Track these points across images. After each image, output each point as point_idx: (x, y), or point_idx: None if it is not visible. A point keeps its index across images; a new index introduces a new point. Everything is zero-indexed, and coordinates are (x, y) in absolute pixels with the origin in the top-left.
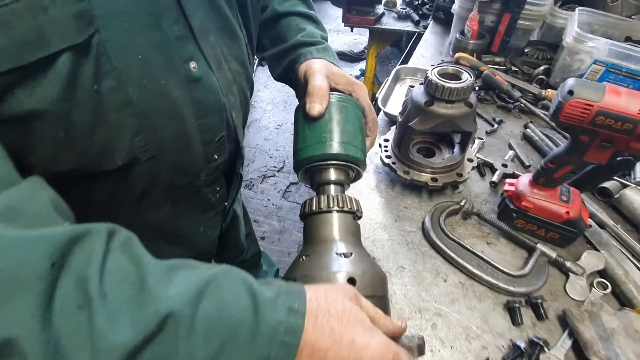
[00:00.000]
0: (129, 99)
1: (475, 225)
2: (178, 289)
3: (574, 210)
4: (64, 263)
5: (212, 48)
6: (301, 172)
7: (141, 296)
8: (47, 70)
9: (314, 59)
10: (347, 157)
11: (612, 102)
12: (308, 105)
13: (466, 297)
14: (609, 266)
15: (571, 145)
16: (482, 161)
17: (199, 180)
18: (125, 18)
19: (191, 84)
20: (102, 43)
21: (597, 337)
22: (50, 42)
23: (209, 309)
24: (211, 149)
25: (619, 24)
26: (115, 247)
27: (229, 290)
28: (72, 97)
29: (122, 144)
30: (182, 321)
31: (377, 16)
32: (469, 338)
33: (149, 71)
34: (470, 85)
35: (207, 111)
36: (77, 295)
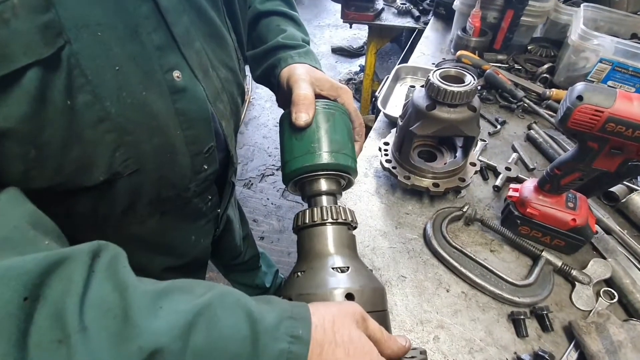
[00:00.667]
0: (106, 114)
1: (478, 232)
2: (166, 320)
3: (581, 218)
4: (39, 295)
5: (198, 56)
6: (291, 184)
7: (125, 330)
8: (12, 87)
9: (296, 64)
10: (337, 167)
11: (623, 108)
12: (294, 115)
13: (469, 308)
14: (616, 275)
15: (579, 152)
16: (484, 164)
17: (188, 192)
18: (98, 29)
19: (174, 94)
20: (74, 56)
21: (604, 351)
22: (14, 58)
23: (200, 342)
24: (199, 160)
25: (625, 20)
26: (99, 271)
27: (224, 318)
28: (41, 115)
29: (101, 160)
30: (170, 358)
31: (376, 12)
32: (472, 351)
33: (126, 83)
34: (474, 89)
35: (193, 122)
36: (54, 330)
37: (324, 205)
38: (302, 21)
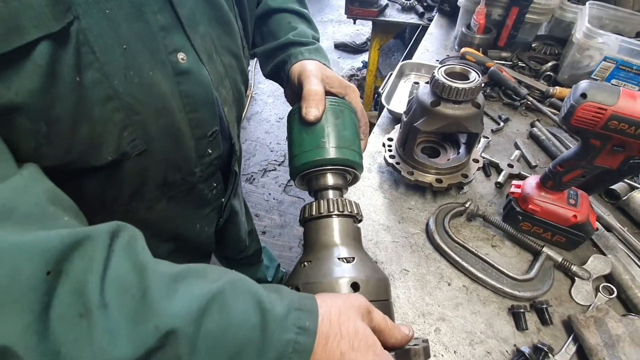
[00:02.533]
0: (114, 92)
1: (480, 228)
2: (181, 304)
3: (582, 214)
4: (61, 270)
5: (203, 39)
6: (298, 178)
7: (142, 310)
8: (24, 61)
9: (306, 60)
10: (345, 162)
11: (626, 106)
12: (305, 110)
13: (470, 301)
14: (615, 271)
15: (581, 149)
16: (487, 161)
17: (193, 177)
18: (107, 6)
19: (179, 76)
20: (83, 32)
21: (602, 344)
22: (25, 31)
23: (212, 327)
24: (204, 144)
25: (630, 18)
26: (118, 251)
27: (236, 306)
28: (52, 90)
29: (110, 139)
30: (183, 339)
31: (380, 8)
32: (472, 343)
33: (134, 63)
34: (478, 86)
35: (197, 105)
36: (76, 305)
37: (331, 198)
38: None
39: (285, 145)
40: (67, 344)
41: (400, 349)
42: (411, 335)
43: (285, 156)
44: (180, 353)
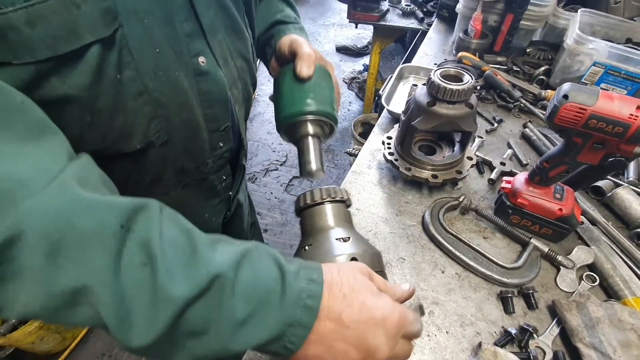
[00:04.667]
0: (145, 88)
1: (472, 221)
2: (222, 256)
3: (567, 208)
4: (130, 227)
5: (220, 45)
6: (284, 128)
7: (194, 259)
8: (78, 61)
9: (292, 34)
10: (327, 114)
11: (604, 106)
12: (299, 68)
13: (462, 287)
14: (598, 260)
15: (565, 147)
16: (481, 159)
17: (206, 167)
18: (144, 15)
19: (199, 76)
20: (125, 37)
21: (583, 325)
22: (82, 36)
23: (246, 276)
24: (216, 137)
25: (621, 25)
26: (167, 218)
27: (261, 262)
28: (98, 85)
29: (139, 129)
30: (227, 282)
31: (381, 13)
32: (463, 325)
33: (163, 63)
34: (471, 87)
35: (213, 102)
36: (141, 255)
37: (322, 188)
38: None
39: (286, 146)
40: (132, 287)
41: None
42: (412, 290)
43: (286, 156)
44: (224, 294)
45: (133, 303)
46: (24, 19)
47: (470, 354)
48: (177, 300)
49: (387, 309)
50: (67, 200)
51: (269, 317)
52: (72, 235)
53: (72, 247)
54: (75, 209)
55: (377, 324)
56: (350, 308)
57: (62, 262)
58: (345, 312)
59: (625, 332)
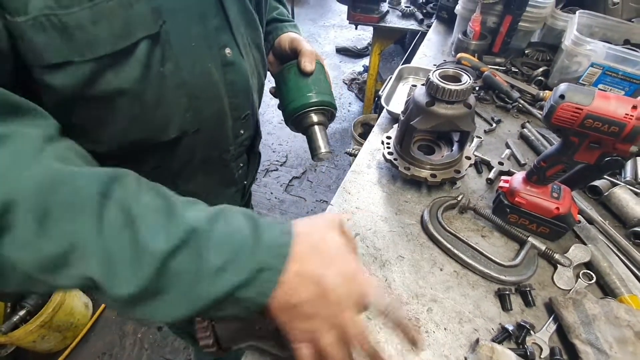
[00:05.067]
0: (182, 81)
1: (471, 220)
2: (198, 214)
3: (564, 207)
4: (108, 194)
5: (242, 38)
6: (292, 119)
7: (171, 218)
8: (130, 56)
9: (290, 32)
10: (329, 103)
11: (600, 106)
12: (304, 64)
13: (460, 285)
14: (594, 259)
15: (562, 146)
16: (479, 159)
17: (228, 154)
18: (182, 13)
19: (225, 67)
20: (167, 33)
21: (579, 322)
22: (135, 32)
23: (220, 229)
24: (238, 125)
25: (619, 26)
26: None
27: (234, 217)
28: (146, 78)
29: (176, 119)
30: (203, 235)
31: (381, 14)
32: (461, 322)
33: (198, 57)
34: (469, 88)
35: (238, 91)
36: (122, 217)
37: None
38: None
39: (286, 147)
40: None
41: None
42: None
43: (286, 157)
44: (201, 245)
45: (117, 258)
46: (89, 18)
47: (468, 350)
48: (157, 253)
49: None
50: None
51: (243, 263)
52: (57, 203)
53: (58, 213)
54: (59, 180)
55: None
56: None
57: (50, 226)
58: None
59: (622, 329)
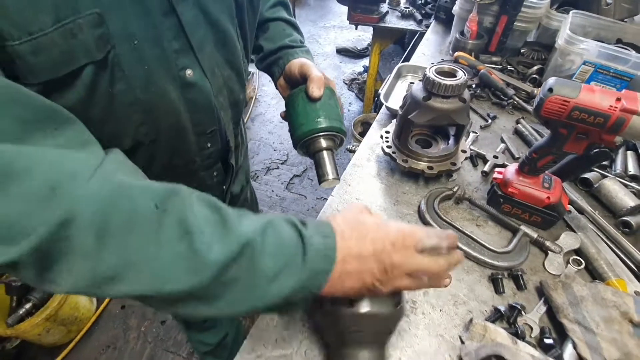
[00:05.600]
0: (135, 99)
1: (466, 210)
2: (249, 226)
3: (554, 196)
4: (165, 208)
5: (208, 58)
6: (300, 144)
7: (225, 231)
8: (75, 79)
9: (302, 58)
10: (338, 129)
11: (586, 98)
12: (311, 90)
13: (455, 270)
14: (584, 246)
15: (551, 137)
16: (475, 153)
17: (194, 164)
18: (134, 38)
19: (185, 87)
20: (117, 57)
21: (568, 303)
22: (78, 60)
23: (271, 240)
24: (203, 139)
25: (612, 26)
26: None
27: (281, 227)
28: (91, 98)
29: (129, 132)
30: (256, 246)
31: (381, 14)
32: (456, 304)
33: (152, 78)
34: (464, 83)
35: (198, 109)
36: (179, 230)
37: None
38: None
39: (287, 145)
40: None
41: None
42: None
43: (287, 155)
44: (255, 255)
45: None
46: (29, 50)
47: (462, 329)
48: (213, 265)
49: (392, 232)
50: (110, 187)
51: (295, 270)
52: (116, 217)
53: (116, 227)
54: (117, 194)
55: (385, 248)
56: (363, 243)
57: (109, 241)
58: (362, 248)
59: (608, 309)
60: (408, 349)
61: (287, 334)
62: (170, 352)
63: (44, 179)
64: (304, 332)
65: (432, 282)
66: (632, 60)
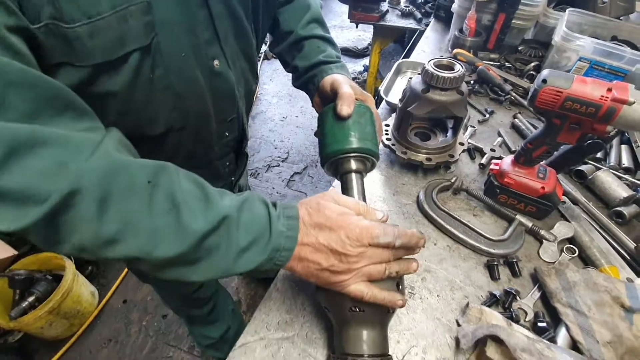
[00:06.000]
0: (170, 84)
1: (463, 200)
2: (229, 202)
3: (549, 186)
4: (156, 182)
5: (231, 49)
6: (327, 164)
7: (208, 205)
8: (123, 64)
9: (335, 74)
10: (367, 150)
11: (578, 89)
12: (339, 107)
13: (452, 257)
14: (577, 234)
15: (546, 128)
16: (473, 146)
17: (212, 152)
18: (174, 26)
19: (213, 76)
20: (158, 44)
21: (561, 288)
22: (128, 44)
23: (246, 216)
24: (223, 127)
25: (607, 24)
26: (183, 176)
27: (254, 206)
28: (136, 82)
29: (163, 116)
30: (233, 221)
31: (381, 13)
32: (453, 289)
33: (186, 65)
34: (461, 75)
35: (222, 97)
36: (167, 202)
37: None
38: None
39: (288, 143)
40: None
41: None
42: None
43: (288, 153)
44: (231, 228)
45: (162, 236)
46: (87, 33)
47: (459, 313)
48: (196, 232)
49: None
50: (110, 162)
51: (263, 245)
52: (115, 189)
53: (116, 197)
54: (115, 169)
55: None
56: (322, 231)
57: (109, 209)
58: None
59: (600, 294)
60: (406, 332)
61: (289, 318)
62: (171, 346)
63: (54, 155)
64: (306, 316)
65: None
66: (627, 56)
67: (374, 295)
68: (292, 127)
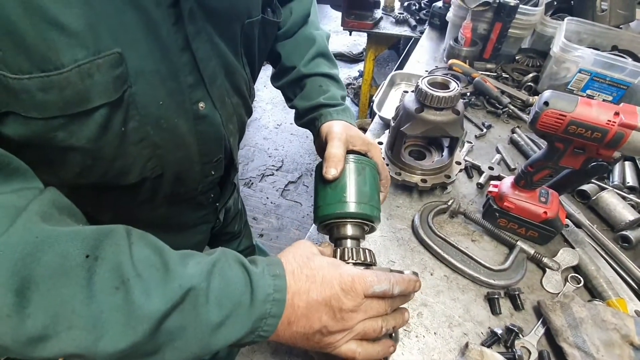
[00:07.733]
0: (146, 135)
1: (461, 224)
2: (194, 270)
3: (552, 211)
4: (97, 255)
5: (218, 89)
6: (320, 226)
7: (167, 276)
8: (87, 119)
9: (334, 120)
10: (363, 216)
11: (583, 112)
12: (325, 169)
13: (450, 289)
14: (582, 262)
15: (548, 151)
16: (470, 164)
17: (196, 191)
18: (150, 75)
19: (197, 120)
20: (132, 95)
21: (567, 325)
22: (92, 100)
23: (217, 283)
24: (208, 167)
25: (607, 33)
26: (136, 240)
27: (228, 269)
28: (103, 137)
29: (136, 168)
30: (200, 292)
31: (375, 20)
32: (451, 326)
33: (165, 113)
34: (457, 95)
35: (208, 140)
36: (113, 279)
37: (347, 247)
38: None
39: (282, 151)
40: (108, 310)
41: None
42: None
43: (282, 161)
44: (199, 303)
45: (108, 325)
46: (37, 86)
47: (457, 354)
48: (152, 315)
49: (349, 274)
50: (32, 236)
51: (243, 316)
52: (38, 272)
53: (40, 283)
54: (40, 245)
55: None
56: (315, 285)
57: (31, 297)
58: (312, 290)
59: (608, 332)
60: None
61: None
62: None
63: None
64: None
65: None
66: (629, 68)
67: (367, 354)
68: (286, 134)
